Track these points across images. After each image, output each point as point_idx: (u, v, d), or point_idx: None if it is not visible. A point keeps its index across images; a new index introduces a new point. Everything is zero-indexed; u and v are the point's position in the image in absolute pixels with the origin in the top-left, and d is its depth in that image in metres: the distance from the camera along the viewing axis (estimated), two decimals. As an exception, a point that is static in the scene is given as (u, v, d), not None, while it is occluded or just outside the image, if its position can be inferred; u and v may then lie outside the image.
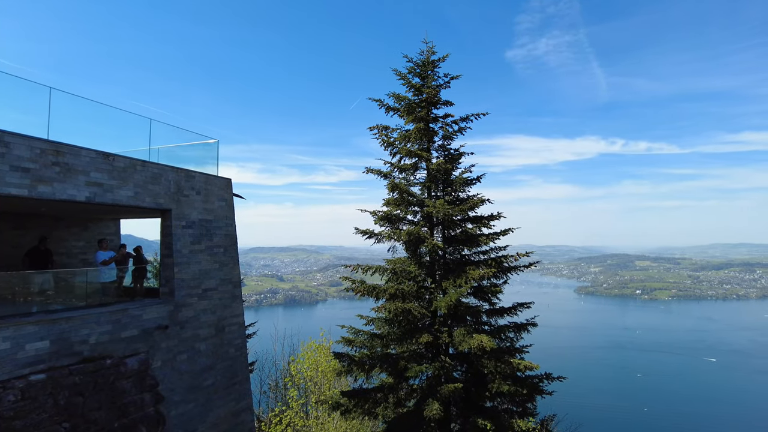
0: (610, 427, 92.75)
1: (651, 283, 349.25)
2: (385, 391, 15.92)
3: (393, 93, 17.68)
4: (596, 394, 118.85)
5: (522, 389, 14.77)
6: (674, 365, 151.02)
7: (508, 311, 16.30)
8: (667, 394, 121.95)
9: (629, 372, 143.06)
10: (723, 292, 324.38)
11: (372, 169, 17.39)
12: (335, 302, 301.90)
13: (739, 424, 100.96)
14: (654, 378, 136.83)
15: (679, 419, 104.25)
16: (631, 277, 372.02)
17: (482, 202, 16.46)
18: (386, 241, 16.71)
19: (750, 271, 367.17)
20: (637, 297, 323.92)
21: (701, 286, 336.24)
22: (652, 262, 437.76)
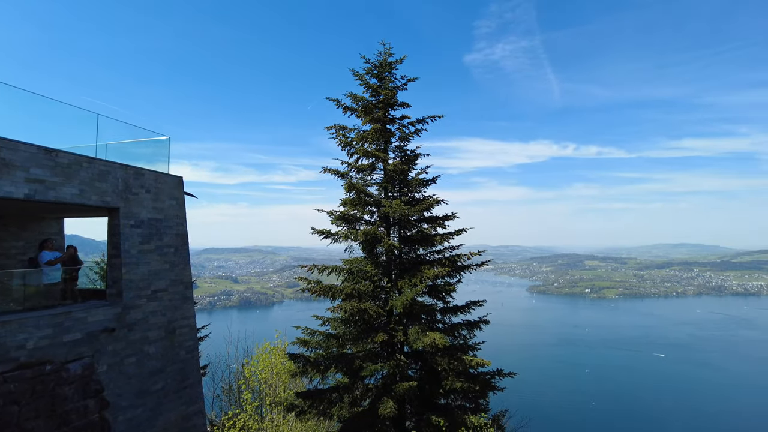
0: (559, 422, 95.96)
1: (599, 282, 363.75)
2: (341, 391, 15.92)
3: (350, 93, 17.72)
4: (547, 390, 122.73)
5: (474, 386, 15.11)
6: (621, 360, 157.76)
7: (461, 309, 16.66)
8: (614, 389, 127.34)
9: (578, 368, 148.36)
10: (664, 289, 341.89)
11: (329, 169, 17.37)
12: (292, 304, 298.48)
13: (683, 416, 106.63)
14: (601, 373, 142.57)
15: (625, 412, 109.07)
16: (581, 277, 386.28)
17: (438, 203, 16.76)
18: (343, 241, 16.75)
19: (688, 270, 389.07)
20: (586, 295, 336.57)
21: (645, 285, 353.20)
22: (601, 262, 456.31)
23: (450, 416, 14.94)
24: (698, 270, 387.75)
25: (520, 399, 47.38)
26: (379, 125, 17.20)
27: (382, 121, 17.43)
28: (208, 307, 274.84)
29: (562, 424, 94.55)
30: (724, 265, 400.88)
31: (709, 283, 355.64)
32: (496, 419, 16.60)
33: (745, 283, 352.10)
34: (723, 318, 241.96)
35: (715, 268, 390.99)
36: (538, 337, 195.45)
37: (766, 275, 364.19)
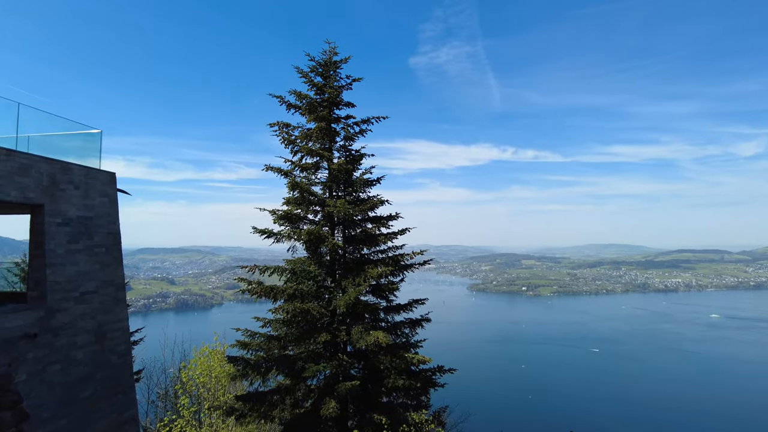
0: (498, 416, 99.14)
1: (535, 280, 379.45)
2: (282, 392, 15.68)
3: (294, 90, 17.47)
4: (486, 385, 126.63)
5: (416, 383, 15.34)
6: (556, 356, 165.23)
7: (404, 308, 16.86)
8: (549, 382, 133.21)
9: (516, 363, 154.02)
10: (595, 287, 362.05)
11: (272, 167, 17.04)
12: (232, 306, 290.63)
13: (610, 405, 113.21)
14: (537, 368, 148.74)
15: (559, 404, 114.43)
16: (518, 275, 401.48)
17: (382, 203, 16.87)
18: (286, 240, 16.49)
19: (617, 269, 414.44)
20: (523, 293, 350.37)
21: (578, 283, 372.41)
22: (537, 261, 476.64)
23: (392, 414, 15.08)
24: (625, 269, 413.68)
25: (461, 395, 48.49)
26: (323, 124, 17.08)
27: (326, 120, 17.32)
28: (143, 310, 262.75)
29: (501, 418, 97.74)
30: (648, 264, 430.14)
31: (635, 281, 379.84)
32: (437, 415, 16.93)
33: (666, 280, 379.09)
34: (646, 313, 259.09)
35: (640, 267, 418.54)
36: (477, 334, 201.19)
37: (683, 273, 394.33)
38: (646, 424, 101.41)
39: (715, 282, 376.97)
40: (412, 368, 15.89)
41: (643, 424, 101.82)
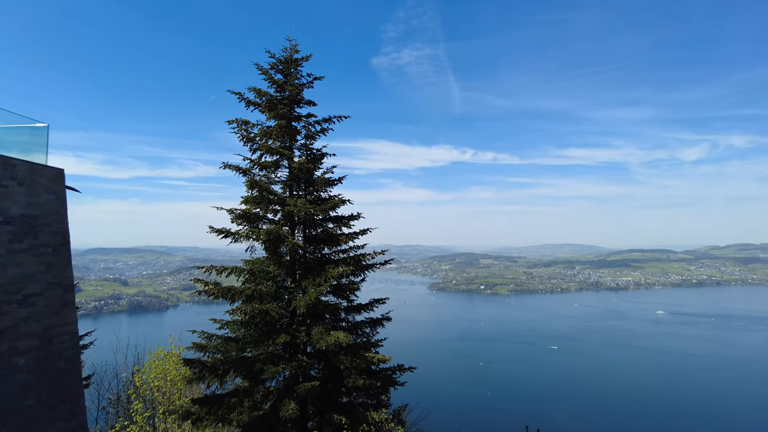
0: (457, 413, 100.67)
1: (493, 279, 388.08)
2: (240, 395, 15.39)
3: (254, 87, 17.16)
4: (445, 383, 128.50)
5: (376, 382, 15.39)
6: (513, 352, 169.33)
7: (365, 308, 16.87)
8: (506, 379, 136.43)
9: (474, 360, 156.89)
10: (550, 286, 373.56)
11: (230, 165, 16.66)
12: (188, 307, 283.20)
13: (566, 400, 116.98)
14: (495, 365, 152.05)
15: (516, 400, 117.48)
16: (477, 274, 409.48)
17: (343, 203, 16.80)
18: (244, 240, 16.17)
19: (571, 268, 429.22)
20: (481, 292, 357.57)
21: (534, 281, 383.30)
22: (495, 260, 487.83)
23: (352, 414, 15.06)
24: (579, 268, 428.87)
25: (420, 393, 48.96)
26: (284, 122, 16.87)
27: (287, 118, 17.12)
28: (94, 313, 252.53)
29: (459, 415, 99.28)
30: (600, 263, 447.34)
31: (588, 279, 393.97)
32: (396, 414, 17.02)
33: (617, 279, 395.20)
34: (598, 311, 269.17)
35: (593, 266, 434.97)
36: (437, 332, 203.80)
37: (633, 272, 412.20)
38: (599, 418, 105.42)
39: (661, 280, 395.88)
40: (373, 368, 15.92)
41: (597, 417, 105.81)
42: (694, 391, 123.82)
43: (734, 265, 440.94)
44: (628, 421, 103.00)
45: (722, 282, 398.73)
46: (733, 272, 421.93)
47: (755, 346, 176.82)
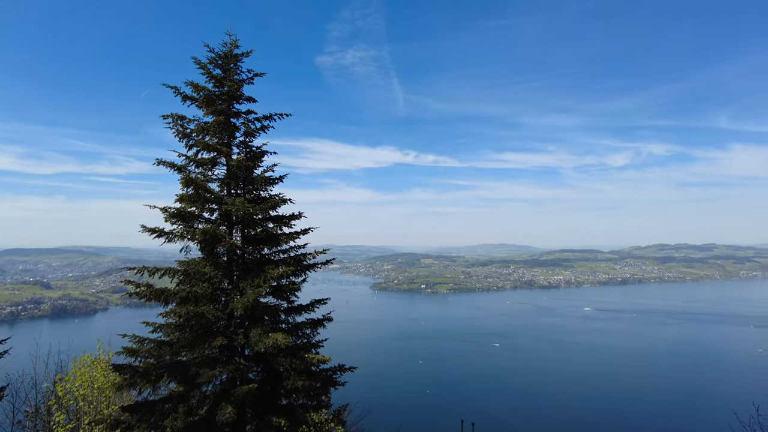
0: (397, 411, 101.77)
1: (433, 278, 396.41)
2: (175, 400, 14.78)
3: (191, 82, 16.54)
4: (386, 381, 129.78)
5: (316, 383, 15.26)
6: (452, 350, 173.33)
7: (306, 308, 16.68)
8: (445, 376, 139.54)
9: (415, 359, 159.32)
10: (487, 284, 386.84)
11: (164, 162, 15.95)
12: (119, 311, 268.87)
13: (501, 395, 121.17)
14: (435, 362, 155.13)
15: (454, 396, 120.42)
16: (418, 274, 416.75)
17: (284, 202, 16.54)
18: (179, 240, 15.51)
19: (506, 267, 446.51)
20: (422, 291, 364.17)
21: (471, 280, 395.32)
22: (435, 260, 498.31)
23: (292, 415, 14.87)
24: (514, 267, 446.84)
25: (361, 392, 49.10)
26: (222, 118, 16.38)
27: (225, 114, 16.64)
28: (10, 319, 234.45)
29: (400, 413, 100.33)
30: (534, 263, 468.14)
31: (522, 278, 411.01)
32: (337, 414, 16.97)
33: (549, 277, 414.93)
34: (531, 308, 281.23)
35: (527, 265, 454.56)
36: (378, 331, 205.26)
37: (564, 271, 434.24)
38: (534, 412, 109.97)
39: (590, 278, 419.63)
40: (313, 369, 15.77)
41: (532, 411, 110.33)
42: (621, 382, 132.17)
43: (653, 264, 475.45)
44: (561, 414, 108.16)
45: (643, 280, 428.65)
46: (653, 270, 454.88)
47: (671, 339, 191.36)
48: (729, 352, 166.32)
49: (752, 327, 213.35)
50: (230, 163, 16.23)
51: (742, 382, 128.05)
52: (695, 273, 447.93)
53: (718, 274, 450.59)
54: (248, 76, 17.28)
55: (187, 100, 16.67)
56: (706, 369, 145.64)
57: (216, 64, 16.95)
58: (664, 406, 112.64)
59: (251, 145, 17.36)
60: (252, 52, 17.37)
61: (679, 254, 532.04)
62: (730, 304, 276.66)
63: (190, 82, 16.49)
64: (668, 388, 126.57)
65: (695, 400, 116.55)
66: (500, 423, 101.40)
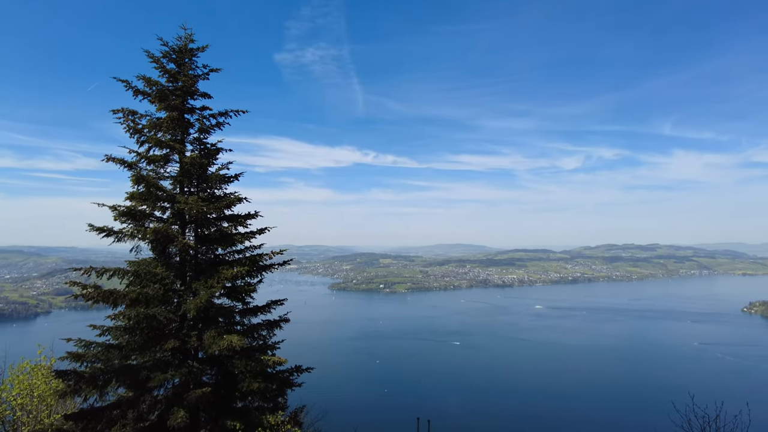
0: (355, 411, 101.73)
1: (392, 278, 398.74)
2: (123, 406, 14.23)
3: (143, 76, 15.95)
4: (344, 381, 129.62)
5: (272, 385, 15.07)
6: (409, 349, 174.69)
7: (262, 310, 16.42)
8: (403, 375, 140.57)
9: (373, 358, 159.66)
10: (444, 283, 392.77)
11: (114, 158, 15.28)
12: (63, 314, 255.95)
13: (458, 392, 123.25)
14: (393, 362, 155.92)
15: (411, 394, 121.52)
16: (376, 273, 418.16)
17: (240, 201, 16.23)
18: (129, 240, 14.94)
19: (462, 266, 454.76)
20: (380, 290, 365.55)
21: (429, 280, 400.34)
22: (393, 260, 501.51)
23: (247, 418, 14.62)
24: (470, 266, 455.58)
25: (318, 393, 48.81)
26: (175, 114, 15.91)
27: (179, 110, 16.16)
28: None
29: (357, 413, 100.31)
30: (489, 262, 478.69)
31: (477, 277, 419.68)
32: (294, 416, 16.82)
33: (503, 276, 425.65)
34: (486, 306, 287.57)
35: (482, 265, 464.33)
36: (336, 332, 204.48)
37: (517, 270, 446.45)
38: (488, 407, 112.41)
39: (542, 277, 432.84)
40: (269, 370, 15.56)
41: (487, 407, 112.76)
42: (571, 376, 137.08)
43: (602, 263, 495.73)
44: (514, 409, 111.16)
45: (593, 279, 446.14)
46: (601, 270, 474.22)
47: (618, 335, 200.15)
48: (669, 347, 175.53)
49: (690, 322, 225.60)
50: (184, 160, 15.79)
51: (680, 374, 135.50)
52: (641, 272, 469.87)
53: (661, 272, 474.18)
54: (204, 72, 16.87)
55: (139, 94, 16.09)
56: (648, 363, 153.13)
57: (170, 58, 16.44)
58: (610, 399, 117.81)
59: (206, 142, 16.95)
60: (208, 47, 16.96)
61: (626, 254, 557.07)
62: (671, 301, 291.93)
63: (142, 76, 15.93)
64: (614, 382, 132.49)
65: (639, 391, 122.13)
66: (456, 419, 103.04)
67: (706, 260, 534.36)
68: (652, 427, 15.64)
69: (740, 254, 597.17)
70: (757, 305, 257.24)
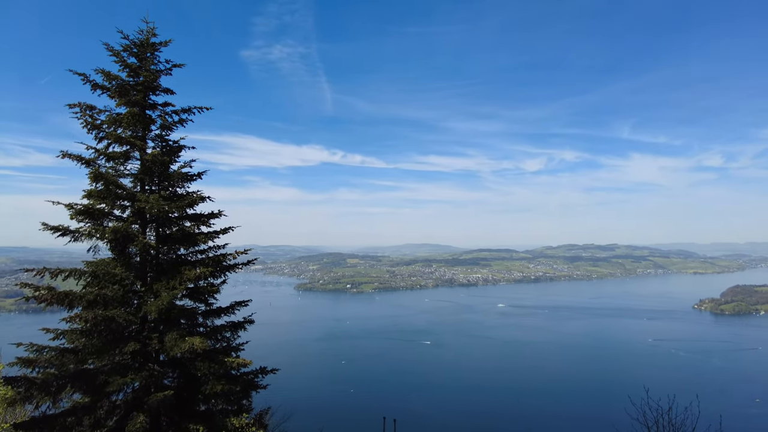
0: (321, 412, 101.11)
1: (359, 278, 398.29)
2: (79, 413, 13.67)
3: (102, 69, 15.43)
4: (311, 382, 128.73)
5: (236, 387, 14.82)
6: (376, 349, 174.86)
7: (225, 311, 16.13)
8: (369, 375, 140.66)
9: (339, 359, 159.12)
10: (411, 282, 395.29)
11: (70, 154, 14.67)
12: (12, 317, 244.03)
13: (423, 390, 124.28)
14: (360, 362, 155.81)
15: (377, 394, 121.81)
16: (343, 273, 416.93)
17: (203, 200, 15.89)
18: (86, 239, 14.36)
19: (429, 266, 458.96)
20: (347, 290, 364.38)
21: (396, 279, 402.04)
22: (361, 260, 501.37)
23: (210, 422, 14.35)
24: (436, 266, 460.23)
25: (284, 395, 48.43)
26: (136, 109, 15.43)
27: (140, 106, 15.70)
28: None
29: (323, 414, 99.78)
30: (454, 262, 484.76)
31: (443, 276, 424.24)
32: (258, 418, 16.63)
33: (468, 275, 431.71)
34: (452, 305, 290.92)
35: (448, 264, 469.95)
36: (302, 333, 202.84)
37: (482, 269, 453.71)
38: (454, 405, 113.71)
39: (506, 276, 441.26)
40: (233, 372, 15.31)
41: (452, 405, 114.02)
42: (533, 373, 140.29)
43: (563, 262, 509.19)
44: (478, 406, 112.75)
45: (554, 278, 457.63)
46: (563, 269, 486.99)
47: (578, 332, 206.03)
48: (626, 343, 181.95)
49: (645, 319, 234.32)
50: (145, 157, 15.34)
51: (636, 369, 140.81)
52: (600, 271, 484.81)
53: (619, 272, 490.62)
54: (166, 67, 16.47)
55: (98, 88, 15.54)
56: (607, 359, 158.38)
57: (131, 52, 15.96)
58: (571, 394, 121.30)
59: (168, 139, 16.54)
60: (171, 41, 16.57)
61: (586, 254, 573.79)
62: (628, 300, 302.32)
63: (101, 69, 15.42)
64: (575, 377, 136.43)
65: (598, 386, 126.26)
66: (421, 417, 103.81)
67: (661, 260, 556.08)
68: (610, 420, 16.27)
69: (692, 254, 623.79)
70: (707, 302, 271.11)
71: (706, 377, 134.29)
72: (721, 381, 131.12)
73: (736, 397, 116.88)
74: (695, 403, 12.91)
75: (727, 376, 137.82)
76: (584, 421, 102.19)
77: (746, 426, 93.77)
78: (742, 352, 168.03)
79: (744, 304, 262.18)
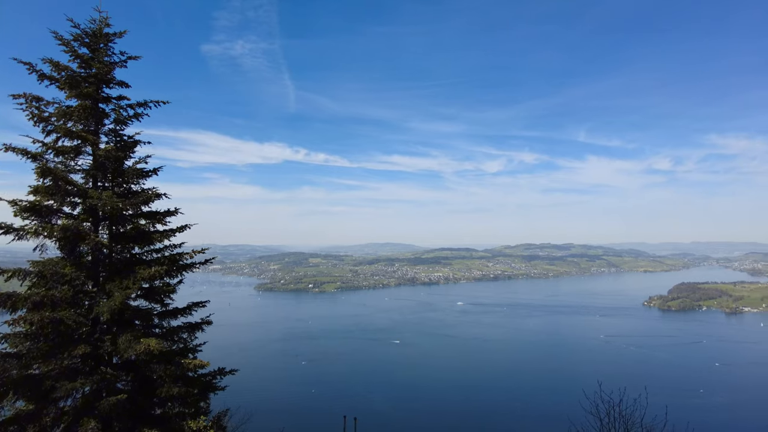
0: (281, 413, 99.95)
1: (321, 277, 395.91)
2: (23, 421, 12.99)
3: (50, 59, 14.69)
4: (270, 383, 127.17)
5: (193, 389, 14.46)
6: (336, 348, 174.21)
7: (182, 312, 15.70)
8: (330, 375, 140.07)
9: (299, 359, 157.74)
10: (373, 282, 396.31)
11: (15, 148, 13.88)
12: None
13: (385, 388, 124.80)
14: (320, 362, 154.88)
15: (338, 393, 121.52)
16: (305, 273, 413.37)
17: (158, 197, 15.42)
18: (32, 238, 13.65)
19: (391, 265, 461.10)
20: (309, 290, 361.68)
21: (359, 278, 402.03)
22: (323, 259, 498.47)
23: (166, 425, 13.93)
24: (398, 265, 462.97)
25: (243, 396, 47.68)
26: (88, 102, 14.78)
27: (93, 98, 15.03)
28: None
29: (283, 415, 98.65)
30: (416, 261, 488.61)
31: (405, 275, 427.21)
32: (216, 420, 16.29)
33: (430, 274, 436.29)
34: (413, 304, 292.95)
35: (410, 263, 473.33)
36: (262, 334, 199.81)
37: (443, 268, 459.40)
38: (414, 403, 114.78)
39: (466, 275, 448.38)
40: (190, 374, 14.90)
41: (412, 402, 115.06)
42: (492, 370, 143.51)
43: (521, 261, 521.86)
44: (438, 403, 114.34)
45: (512, 276, 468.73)
46: (521, 268, 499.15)
47: (535, 329, 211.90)
48: (580, 340, 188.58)
49: (598, 317, 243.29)
50: (97, 152, 14.73)
51: (590, 365, 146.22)
52: (556, 270, 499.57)
53: (575, 270, 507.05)
54: (121, 59, 15.85)
55: (46, 79, 14.78)
56: (562, 355, 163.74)
57: (82, 42, 15.27)
58: (529, 389, 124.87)
59: (122, 133, 15.95)
60: (126, 32, 15.95)
61: (543, 253, 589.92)
62: (582, 297, 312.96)
63: (49, 59, 14.67)
64: (532, 373, 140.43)
65: (554, 381, 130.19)
66: (382, 416, 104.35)
67: (614, 259, 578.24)
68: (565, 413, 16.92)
69: (642, 253, 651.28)
70: (655, 299, 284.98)
71: (654, 371, 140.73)
72: (667, 374, 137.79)
73: (681, 388, 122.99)
74: (644, 395, 13.57)
75: (673, 368, 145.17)
76: (541, 414, 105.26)
77: (691, 416, 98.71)
78: (687, 346, 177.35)
79: (688, 301, 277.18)
